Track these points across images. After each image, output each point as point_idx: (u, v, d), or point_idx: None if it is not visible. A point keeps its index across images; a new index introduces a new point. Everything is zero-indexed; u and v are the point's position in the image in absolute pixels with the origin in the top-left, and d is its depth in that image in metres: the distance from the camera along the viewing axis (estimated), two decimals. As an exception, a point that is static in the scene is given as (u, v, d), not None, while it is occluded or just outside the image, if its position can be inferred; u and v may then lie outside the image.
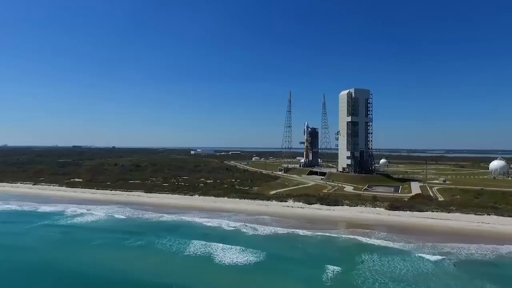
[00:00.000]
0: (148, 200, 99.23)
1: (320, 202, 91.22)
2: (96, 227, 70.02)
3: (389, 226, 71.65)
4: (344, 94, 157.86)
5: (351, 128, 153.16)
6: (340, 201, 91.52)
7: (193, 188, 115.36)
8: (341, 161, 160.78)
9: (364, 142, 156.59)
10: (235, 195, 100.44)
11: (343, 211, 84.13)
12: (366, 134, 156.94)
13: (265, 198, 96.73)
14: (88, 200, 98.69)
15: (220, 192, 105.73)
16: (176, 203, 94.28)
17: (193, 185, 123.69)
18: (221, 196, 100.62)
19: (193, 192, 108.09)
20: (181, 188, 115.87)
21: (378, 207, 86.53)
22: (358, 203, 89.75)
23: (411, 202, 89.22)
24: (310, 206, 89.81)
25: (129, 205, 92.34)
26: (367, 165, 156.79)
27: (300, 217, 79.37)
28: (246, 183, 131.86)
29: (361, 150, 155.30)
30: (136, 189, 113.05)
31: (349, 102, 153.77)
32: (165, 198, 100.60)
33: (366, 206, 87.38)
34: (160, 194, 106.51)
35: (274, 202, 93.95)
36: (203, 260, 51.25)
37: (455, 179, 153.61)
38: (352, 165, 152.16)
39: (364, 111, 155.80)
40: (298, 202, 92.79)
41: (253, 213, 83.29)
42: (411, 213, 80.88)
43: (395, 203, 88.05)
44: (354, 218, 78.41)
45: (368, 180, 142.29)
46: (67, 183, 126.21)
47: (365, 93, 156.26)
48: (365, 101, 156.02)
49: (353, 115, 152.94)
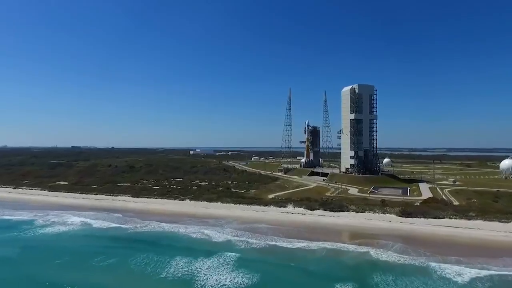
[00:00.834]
0: (134, 206, 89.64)
1: (323, 208, 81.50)
2: (65, 240, 60.34)
3: (403, 236, 61.95)
4: (347, 90, 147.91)
5: (355, 126, 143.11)
6: (345, 206, 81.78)
7: (184, 191, 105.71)
8: (344, 161, 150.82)
9: (369, 141, 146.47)
10: (230, 200, 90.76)
11: (349, 218, 74.38)
12: (370, 132, 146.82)
13: (262, 203, 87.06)
14: (68, 206, 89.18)
15: (213, 196, 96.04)
16: (164, 209, 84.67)
17: (186, 188, 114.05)
18: (214, 201, 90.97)
19: (184, 196, 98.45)
20: (172, 191, 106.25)
21: (388, 213, 76.75)
22: (366, 208, 80.00)
23: (425, 207, 79.41)
24: (312, 212, 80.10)
25: (111, 211, 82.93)
26: (371, 165, 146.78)
27: (301, 226, 69.70)
28: (243, 185, 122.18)
29: (365, 149, 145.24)
30: (123, 193, 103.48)
31: (352, 98, 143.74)
32: (152, 204, 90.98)
33: (374, 212, 77.60)
34: (148, 198, 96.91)
35: (272, 207, 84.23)
36: (182, 285, 41.65)
37: (465, 180, 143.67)
38: (355, 166, 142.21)
39: (368, 107, 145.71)
40: (299, 207, 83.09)
41: (248, 220, 73.61)
42: (426, 220, 71.09)
43: (406, 208, 78.30)
44: (363, 226, 68.66)
45: (373, 181, 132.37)
46: (51, 186, 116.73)
47: (369, 89, 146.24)
48: (369, 97, 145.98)
49: (356, 112, 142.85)
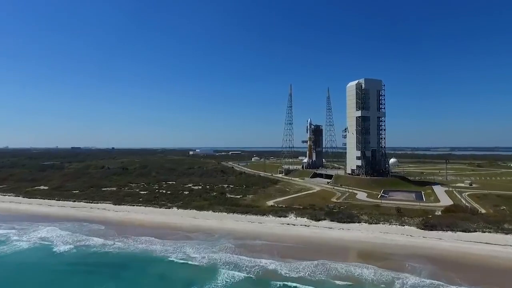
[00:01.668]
0: (112, 215, 77.76)
1: (330, 218, 69.27)
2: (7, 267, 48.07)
3: (431, 257, 49.76)
4: (352, 85, 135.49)
5: (361, 124, 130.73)
6: (356, 216, 69.53)
7: (173, 197, 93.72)
8: (349, 161, 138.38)
9: (376, 140, 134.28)
10: (222, 208, 78.65)
11: (362, 232, 62.13)
12: (378, 130, 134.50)
13: (259, 212, 74.91)
14: (37, 216, 77.33)
15: (204, 203, 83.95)
16: (145, 220, 72.73)
17: (176, 193, 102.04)
18: (205, 209, 78.95)
19: (172, 203, 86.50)
20: (159, 197, 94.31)
21: (408, 224, 64.45)
22: (380, 218, 67.72)
23: (449, 217, 66.93)
24: (317, 223, 67.89)
25: (85, 222, 71.22)
26: (379, 166, 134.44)
27: (305, 242, 57.60)
28: (239, 189, 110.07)
29: (373, 149, 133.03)
30: (104, 200, 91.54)
31: (359, 94, 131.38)
32: (134, 213, 79.02)
33: (391, 224, 65.31)
34: (131, 206, 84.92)
35: (271, 217, 72.10)
36: None
37: (481, 182, 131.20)
38: (362, 167, 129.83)
39: (376, 104, 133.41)
40: (302, 217, 70.89)
41: (241, 235, 61.49)
42: (454, 234, 58.80)
43: (428, 219, 66.10)
44: (379, 243, 56.42)
45: (382, 184, 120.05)
46: (27, 192, 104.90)
47: (376, 84, 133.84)
48: (376, 93, 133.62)
49: (363, 109, 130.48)
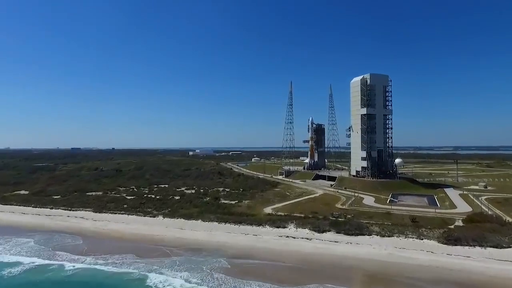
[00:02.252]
0: (89, 225, 68.68)
1: (336, 229, 59.96)
2: None
3: (460, 282, 40.46)
4: (357, 81, 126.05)
5: (367, 123, 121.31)
6: (366, 227, 60.19)
7: (161, 203, 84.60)
8: (354, 162, 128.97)
9: (383, 140, 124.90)
10: (213, 217, 69.44)
11: (373, 247, 52.80)
12: (384, 129, 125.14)
13: (255, 222, 65.61)
14: (4, 227, 68.33)
15: (193, 211, 74.73)
16: (125, 232, 63.62)
17: (165, 198, 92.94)
18: (194, 218, 69.77)
19: (158, 210, 77.49)
20: (146, 203, 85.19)
21: (426, 237, 55.11)
22: (393, 230, 58.36)
23: (474, 228, 57.46)
24: (320, 235, 58.62)
25: (57, 234, 62.52)
26: (386, 167, 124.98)
27: (306, 261, 48.34)
28: (235, 194, 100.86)
29: (379, 149, 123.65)
30: (85, 207, 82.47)
31: (364, 90, 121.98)
32: (114, 222, 69.90)
33: (406, 237, 55.96)
34: (113, 214, 75.89)
35: (268, 228, 62.84)
36: None
37: (496, 184, 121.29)
38: (368, 168, 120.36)
39: (382, 101, 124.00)
40: (303, 228, 61.61)
41: (232, 251, 52.27)
42: (483, 251, 49.49)
43: (450, 230, 56.74)
44: (396, 262, 47.02)
45: (390, 186, 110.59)
46: (4, 197, 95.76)
47: (383, 79, 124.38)
48: (383, 89, 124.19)
49: (368, 107, 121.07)
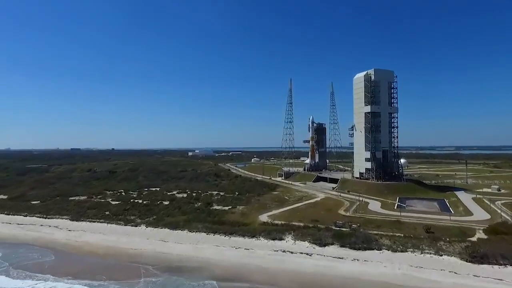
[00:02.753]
0: (63, 236, 60.85)
1: (340, 242, 51.89)
2: None
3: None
4: (360, 77, 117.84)
5: (371, 121, 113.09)
6: (374, 240, 52.08)
7: (147, 210, 76.71)
8: (357, 163, 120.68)
9: (388, 139, 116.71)
10: (201, 226, 61.39)
11: (385, 265, 44.70)
12: (390, 128, 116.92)
13: (248, 233, 57.54)
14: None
15: (180, 219, 66.64)
16: (99, 245, 55.71)
17: (153, 203, 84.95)
18: (179, 228, 61.78)
19: (142, 218, 69.58)
20: (131, 210, 77.25)
21: (446, 253, 47.00)
22: (407, 243, 50.24)
23: (500, 242, 49.20)
24: (322, 250, 50.61)
25: (24, 247, 55.17)
26: (392, 168, 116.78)
27: (306, 283, 40.28)
28: (230, 198, 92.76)
29: (384, 149, 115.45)
30: (62, 214, 74.62)
31: (367, 87, 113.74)
32: (90, 233, 61.99)
33: (422, 252, 47.84)
34: (91, 223, 67.99)
35: (262, 241, 54.79)
36: None
37: (509, 186, 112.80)
38: (373, 170, 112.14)
39: (387, 98, 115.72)
40: (302, 241, 53.57)
41: (219, 271, 44.23)
42: (516, 270, 41.32)
43: (473, 244, 48.58)
44: (413, 286, 38.85)
45: (396, 190, 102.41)
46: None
47: (388, 75, 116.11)
48: (388, 86, 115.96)
49: (373, 104, 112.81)
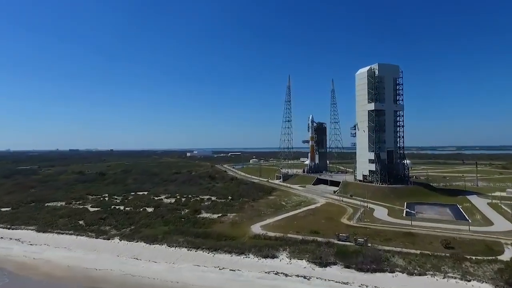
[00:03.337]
0: (21, 252, 52.09)
1: (344, 262, 43.00)
2: None
3: None
4: (363, 72, 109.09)
5: (375, 120, 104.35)
6: (385, 259, 43.20)
7: (127, 218, 67.92)
8: (360, 165, 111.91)
9: (393, 139, 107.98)
10: (183, 240, 52.52)
11: (401, 294, 35.85)
12: (395, 127, 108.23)
13: (235, 249, 48.61)
14: None
15: (160, 231, 57.76)
16: (60, 264, 46.94)
17: (134, 211, 76.25)
18: (158, 241, 52.96)
19: (118, 229, 60.85)
20: (108, 218, 68.42)
21: (474, 277, 38.15)
22: (425, 264, 41.42)
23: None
24: (323, 271, 41.76)
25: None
26: (397, 171, 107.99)
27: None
28: (221, 204, 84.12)
29: (389, 150, 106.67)
30: (28, 224, 65.86)
31: (371, 82, 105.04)
32: (53, 248, 53.21)
33: (445, 276, 38.98)
34: (59, 235, 59.20)
35: (252, 259, 45.91)
36: None
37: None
38: (377, 172, 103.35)
39: (392, 95, 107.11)
40: (299, 259, 44.73)
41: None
42: None
43: (505, 265, 39.74)
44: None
45: (403, 194, 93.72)
46: None
47: (393, 70, 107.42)
48: (393, 82, 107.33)
49: (377, 101, 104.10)
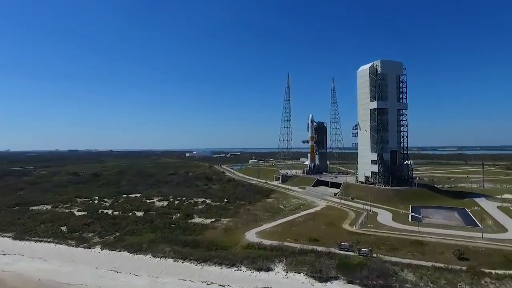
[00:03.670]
0: (-10, 263, 47.18)
1: (347, 277, 38.06)
2: None
3: None
4: (365, 69, 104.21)
5: (378, 119, 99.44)
6: (393, 272, 38.24)
7: (113, 224, 63.14)
8: (362, 166, 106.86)
9: (396, 139, 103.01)
10: (169, 249, 47.64)
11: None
12: (398, 127, 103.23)
13: (226, 260, 43.62)
14: None
15: (146, 238, 52.97)
16: (31, 278, 42.05)
17: (122, 215, 71.47)
18: (143, 251, 48.10)
19: (102, 236, 55.99)
20: (93, 224, 63.56)
21: (496, 296, 33.24)
22: (438, 279, 36.59)
23: None
24: (324, 287, 36.84)
25: None
26: (401, 172, 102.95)
27: None
28: (216, 208, 79.33)
29: (392, 150, 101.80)
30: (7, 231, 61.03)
31: (374, 80, 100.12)
32: (28, 258, 48.35)
33: (463, 293, 34.09)
34: (37, 243, 54.26)
35: (244, 272, 40.99)
36: None
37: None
38: (380, 173, 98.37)
39: (396, 93, 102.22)
40: (297, 273, 39.83)
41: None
42: None
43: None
44: None
45: (407, 196, 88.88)
46: None
47: (396, 67, 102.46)
48: (396, 79, 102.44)
49: (379, 100, 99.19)
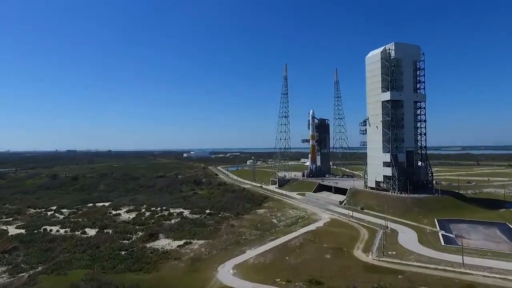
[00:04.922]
0: None
1: None
2: None
3: None
4: (375, 55, 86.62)
5: (391, 113, 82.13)
6: None
7: (43, 251, 46.00)
8: (372, 169, 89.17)
9: (413, 137, 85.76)
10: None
11: None
12: (415, 122, 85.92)
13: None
14: None
15: (71, 278, 35.83)
16: None
17: (72, 233, 54.65)
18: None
19: (15, 272, 39.12)
20: (20, 248, 46.88)
21: None
22: None
23: None
24: None
25: None
26: (419, 176, 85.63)
27: None
28: (191, 222, 62.36)
29: (408, 150, 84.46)
30: None
31: (386, 67, 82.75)
32: None
33: None
34: None
35: None
36: None
37: None
38: (394, 178, 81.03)
39: (412, 82, 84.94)
40: None
41: None
42: None
43: None
44: None
45: (429, 207, 71.70)
46: None
47: (413, 51, 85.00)
48: (413, 65, 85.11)
49: (393, 90, 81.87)
